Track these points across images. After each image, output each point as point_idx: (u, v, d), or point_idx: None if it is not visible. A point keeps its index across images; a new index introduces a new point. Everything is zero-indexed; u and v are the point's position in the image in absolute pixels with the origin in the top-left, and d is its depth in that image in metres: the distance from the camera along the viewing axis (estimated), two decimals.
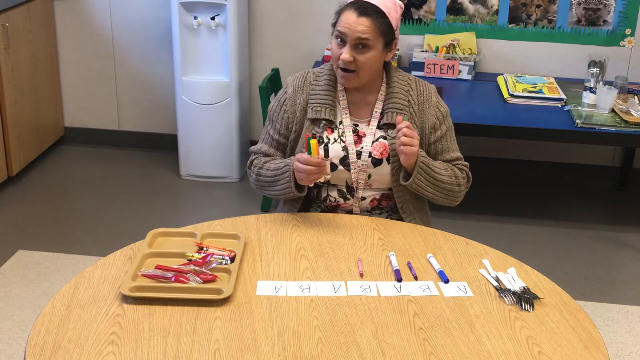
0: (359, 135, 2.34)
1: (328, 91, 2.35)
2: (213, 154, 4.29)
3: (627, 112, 3.58)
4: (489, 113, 3.67)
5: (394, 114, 2.31)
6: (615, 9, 4.09)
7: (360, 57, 2.24)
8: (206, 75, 4.19)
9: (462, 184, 2.37)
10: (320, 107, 2.33)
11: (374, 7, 2.23)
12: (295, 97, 2.37)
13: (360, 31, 2.21)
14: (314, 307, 1.81)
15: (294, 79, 2.41)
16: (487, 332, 1.74)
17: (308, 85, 2.37)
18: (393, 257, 2.03)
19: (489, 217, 4.02)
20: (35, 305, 3.14)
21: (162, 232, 2.12)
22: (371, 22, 2.22)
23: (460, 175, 2.37)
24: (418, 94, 2.36)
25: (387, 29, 2.26)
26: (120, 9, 4.47)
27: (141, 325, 1.73)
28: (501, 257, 2.07)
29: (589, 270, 3.57)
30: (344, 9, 2.27)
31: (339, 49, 2.27)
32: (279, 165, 2.31)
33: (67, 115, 4.75)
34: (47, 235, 3.73)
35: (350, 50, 2.24)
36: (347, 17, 2.23)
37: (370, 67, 2.28)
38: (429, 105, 2.35)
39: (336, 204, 2.37)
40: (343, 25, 2.24)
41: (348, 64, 2.25)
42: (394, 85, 2.34)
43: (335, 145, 2.32)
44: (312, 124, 2.34)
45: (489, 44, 4.22)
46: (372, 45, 2.24)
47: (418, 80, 2.40)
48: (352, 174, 2.32)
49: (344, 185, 2.35)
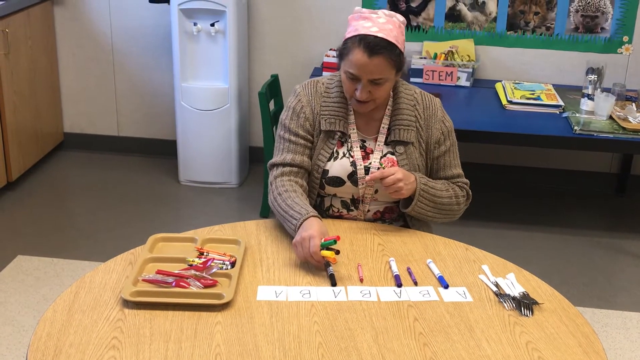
0: (366, 152, 2.32)
1: (341, 103, 2.31)
2: (212, 160, 4.30)
3: (624, 118, 3.59)
4: (487, 120, 3.68)
5: (401, 130, 2.29)
6: (612, 16, 4.11)
7: (376, 92, 2.21)
8: (205, 82, 4.20)
9: (461, 203, 2.35)
10: (334, 119, 2.30)
11: (383, 42, 2.15)
12: (310, 105, 2.32)
13: (374, 71, 2.16)
14: (314, 312, 1.82)
15: (305, 87, 2.35)
16: (487, 337, 1.75)
17: (320, 96, 2.33)
18: (393, 262, 2.04)
19: (488, 223, 4.02)
20: (34, 311, 3.14)
21: (163, 237, 2.13)
22: (383, 60, 2.15)
23: (461, 194, 2.34)
24: (424, 109, 2.33)
25: (398, 58, 2.20)
26: (120, 15, 4.48)
27: (142, 330, 1.73)
28: (500, 262, 2.08)
29: (587, 276, 3.58)
30: (352, 47, 2.17)
31: (352, 84, 2.21)
32: (292, 214, 2.12)
33: (67, 121, 4.75)
34: (46, 240, 3.73)
35: (366, 88, 2.19)
36: (357, 58, 2.15)
37: (386, 94, 2.27)
38: (434, 120, 2.33)
39: (339, 215, 2.36)
40: (354, 67, 2.17)
41: (365, 99, 2.22)
42: (400, 101, 2.32)
43: (344, 160, 2.30)
44: (326, 136, 2.31)
45: (487, 50, 4.24)
46: (387, 79, 2.20)
47: (424, 94, 2.37)
48: (359, 189, 2.30)
49: (349, 198, 2.34)
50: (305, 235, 2.00)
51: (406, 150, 2.30)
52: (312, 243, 1.98)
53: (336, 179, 2.29)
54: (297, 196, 2.20)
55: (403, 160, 2.29)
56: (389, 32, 2.17)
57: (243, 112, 4.36)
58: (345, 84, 2.25)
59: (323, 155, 2.30)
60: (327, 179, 2.30)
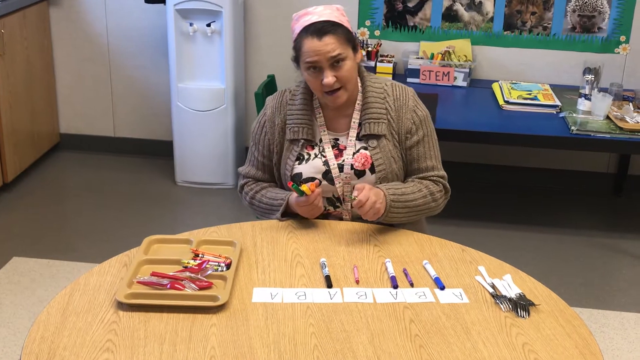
0: (339, 149, 2.33)
1: (304, 110, 2.34)
2: (209, 161, 4.29)
3: (622, 119, 3.59)
4: (484, 120, 3.68)
5: (371, 124, 2.30)
6: (610, 16, 4.10)
7: (340, 72, 2.23)
8: (202, 82, 4.20)
9: (438, 199, 2.33)
10: (297, 128, 2.33)
11: (328, 23, 2.23)
12: (273, 118, 2.38)
13: (330, 50, 2.20)
14: (309, 314, 1.81)
15: (272, 99, 2.41)
16: (483, 339, 1.74)
17: (285, 106, 2.37)
18: (389, 263, 2.03)
19: (484, 224, 4.02)
20: (30, 313, 3.13)
21: (158, 239, 2.12)
22: (334, 37, 2.21)
23: (436, 190, 2.32)
24: (395, 100, 2.33)
25: (349, 34, 2.26)
26: (115, 16, 4.47)
27: (137, 332, 1.72)
28: (497, 263, 2.07)
29: (584, 276, 3.58)
30: (302, 40, 2.24)
31: (316, 78, 2.25)
32: (273, 202, 2.33)
33: (63, 122, 4.74)
34: (42, 242, 3.72)
35: (329, 72, 2.22)
36: (309, 45, 2.21)
37: (352, 75, 2.28)
38: (405, 109, 2.33)
39: (327, 212, 2.37)
40: (310, 55, 2.22)
41: (333, 85, 2.24)
42: (369, 95, 2.33)
43: (316, 160, 2.32)
44: (291, 144, 2.34)
45: (484, 50, 4.23)
46: (345, 56, 2.23)
47: (395, 85, 2.37)
48: (337, 187, 2.32)
49: (331, 196, 2.35)
50: (298, 201, 2.21)
51: (379, 143, 2.30)
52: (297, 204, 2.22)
53: (311, 179, 2.30)
54: (273, 188, 2.39)
55: (377, 154, 2.29)
56: (329, 15, 2.26)
57: (239, 113, 4.35)
58: (310, 82, 2.28)
59: (290, 160, 2.34)
60: (302, 181, 2.31)
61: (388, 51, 4.25)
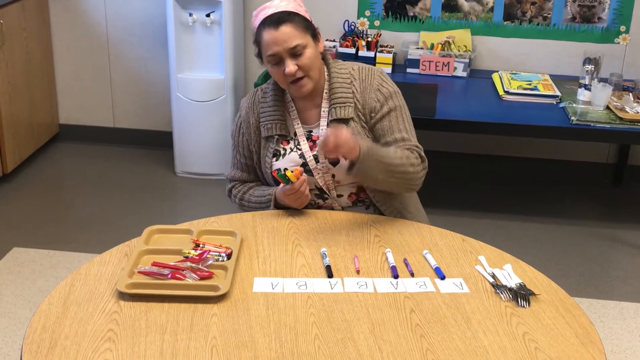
0: (313, 140, 2.33)
1: (276, 106, 2.35)
2: (208, 151, 4.29)
3: (621, 109, 3.59)
4: (484, 110, 3.68)
5: (337, 108, 2.29)
6: (610, 6, 4.09)
7: (301, 61, 2.22)
8: (201, 73, 4.19)
9: (415, 164, 2.23)
10: (270, 124, 2.34)
11: (283, 14, 2.23)
12: (248, 118, 2.39)
13: (288, 39, 2.20)
14: (310, 303, 1.82)
15: (246, 99, 2.42)
16: (484, 329, 1.74)
17: (257, 104, 2.38)
18: (389, 253, 2.04)
19: (484, 214, 4.02)
20: (30, 303, 3.13)
21: (159, 229, 2.12)
22: (290, 25, 2.21)
23: (413, 156, 2.24)
24: (360, 82, 2.32)
25: (306, 23, 2.26)
26: (115, 6, 4.46)
27: (138, 322, 1.73)
28: (497, 253, 2.07)
29: (584, 266, 3.58)
30: (261, 33, 2.24)
31: (279, 69, 2.24)
32: (262, 199, 2.38)
33: (62, 113, 4.74)
34: (42, 232, 3.72)
35: (290, 61, 2.22)
36: (267, 36, 2.21)
37: (314, 63, 2.26)
38: (370, 89, 2.31)
39: (317, 205, 2.37)
40: (270, 46, 2.22)
41: (296, 74, 2.23)
42: (334, 81, 2.32)
43: (293, 154, 2.33)
44: (267, 141, 2.35)
45: (484, 41, 4.23)
46: (305, 44, 2.23)
47: (362, 68, 2.35)
48: (317, 178, 2.32)
49: (316, 188, 2.35)
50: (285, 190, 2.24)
51: (348, 127, 2.27)
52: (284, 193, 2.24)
53: None
54: (259, 186, 2.44)
55: None
56: (285, 6, 2.26)
57: (239, 103, 4.33)
58: (274, 74, 2.28)
59: (267, 157, 2.36)
60: (285, 169, 2.31)
61: (388, 41, 4.24)
